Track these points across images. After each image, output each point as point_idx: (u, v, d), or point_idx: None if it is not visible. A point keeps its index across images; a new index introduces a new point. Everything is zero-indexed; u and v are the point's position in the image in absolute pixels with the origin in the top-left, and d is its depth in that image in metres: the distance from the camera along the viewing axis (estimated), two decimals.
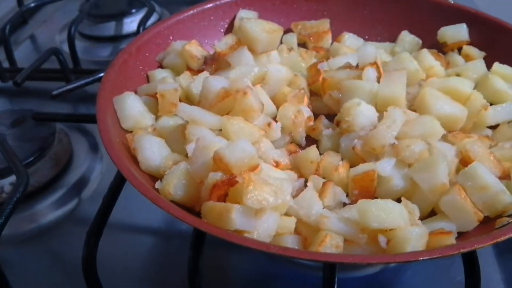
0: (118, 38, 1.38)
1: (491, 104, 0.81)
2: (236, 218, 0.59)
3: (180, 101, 0.78)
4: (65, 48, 1.28)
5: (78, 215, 0.89)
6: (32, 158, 0.91)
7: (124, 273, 0.78)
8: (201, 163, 0.65)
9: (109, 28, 1.41)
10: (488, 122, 0.80)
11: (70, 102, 1.16)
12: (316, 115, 0.85)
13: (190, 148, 0.68)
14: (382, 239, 0.61)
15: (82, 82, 1.02)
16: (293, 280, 0.77)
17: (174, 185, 0.64)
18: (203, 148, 0.65)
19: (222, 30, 1.00)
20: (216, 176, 0.63)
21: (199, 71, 0.87)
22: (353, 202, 0.69)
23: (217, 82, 0.78)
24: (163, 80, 0.82)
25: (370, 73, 0.83)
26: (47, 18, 1.57)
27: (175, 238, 0.84)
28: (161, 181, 0.66)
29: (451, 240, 0.61)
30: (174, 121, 0.77)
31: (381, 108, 0.78)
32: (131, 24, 1.40)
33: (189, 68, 0.88)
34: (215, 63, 0.88)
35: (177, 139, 0.73)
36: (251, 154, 0.64)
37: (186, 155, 0.69)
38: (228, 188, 0.63)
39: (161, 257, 0.81)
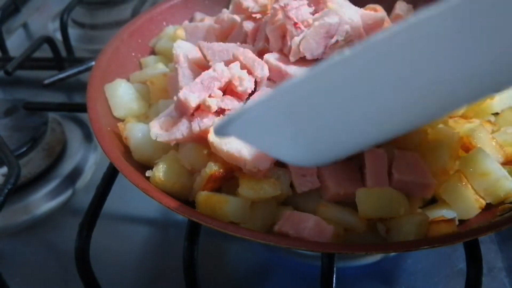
0: (113, 25, 1.35)
1: None
2: (231, 210, 0.57)
3: None
4: (59, 36, 1.25)
5: (72, 206, 0.88)
6: (24, 149, 0.89)
7: (119, 264, 0.77)
8: (190, 149, 0.63)
9: (103, 15, 1.38)
10: (493, 110, 0.78)
11: (63, 91, 1.14)
12: None
13: None
14: (381, 228, 0.60)
15: (75, 70, 0.99)
16: (291, 270, 0.75)
17: (164, 172, 0.62)
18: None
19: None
20: (214, 167, 0.61)
21: None
22: None
23: None
24: (154, 66, 0.80)
25: None
26: (40, 5, 1.54)
27: (171, 228, 0.83)
28: (152, 169, 0.64)
29: (452, 228, 0.60)
30: None
31: None
32: (126, 10, 1.37)
33: None
34: None
35: None
36: None
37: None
38: (223, 182, 0.62)
39: (157, 248, 0.80)
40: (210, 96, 0.62)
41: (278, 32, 0.68)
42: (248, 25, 0.73)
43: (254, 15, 0.74)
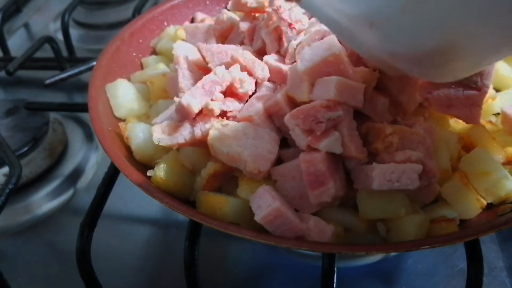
0: (114, 25, 1.36)
1: (496, 91, 0.79)
2: (231, 211, 0.57)
3: None
4: (60, 36, 1.26)
5: (73, 206, 0.88)
6: (25, 149, 0.89)
7: (120, 264, 0.77)
8: (191, 149, 0.64)
9: (105, 16, 1.39)
10: (495, 110, 0.78)
11: (64, 91, 1.14)
12: None
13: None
14: (381, 228, 0.60)
15: (76, 70, 1.00)
16: (291, 270, 0.75)
17: (165, 172, 0.62)
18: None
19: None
20: (214, 166, 0.61)
21: None
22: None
23: None
24: (155, 67, 0.80)
25: None
26: (41, 6, 1.54)
27: (172, 228, 0.83)
28: (153, 169, 0.64)
29: (453, 227, 0.60)
30: None
31: None
32: (127, 11, 1.37)
33: None
34: None
35: None
36: None
37: None
38: (224, 182, 0.63)
39: (157, 248, 0.80)
40: (211, 100, 0.63)
41: (274, 35, 0.68)
42: (245, 26, 0.73)
43: (252, 13, 0.74)
